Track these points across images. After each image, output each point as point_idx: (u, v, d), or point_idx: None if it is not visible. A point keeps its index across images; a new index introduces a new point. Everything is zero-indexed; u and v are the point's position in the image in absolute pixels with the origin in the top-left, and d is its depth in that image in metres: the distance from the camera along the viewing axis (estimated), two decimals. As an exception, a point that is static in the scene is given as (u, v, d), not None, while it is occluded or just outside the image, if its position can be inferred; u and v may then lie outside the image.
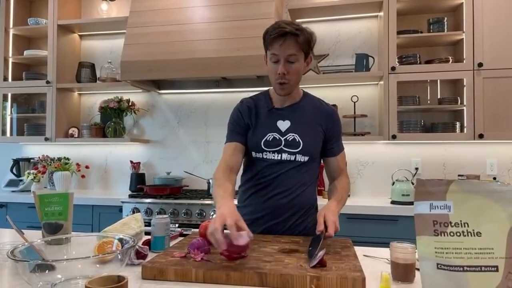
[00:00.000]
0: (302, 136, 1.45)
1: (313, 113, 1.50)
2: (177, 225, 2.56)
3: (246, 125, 1.49)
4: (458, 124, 2.65)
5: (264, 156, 1.46)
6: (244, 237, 1.01)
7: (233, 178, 1.43)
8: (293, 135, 1.45)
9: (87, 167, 3.28)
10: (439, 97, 2.82)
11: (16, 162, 3.31)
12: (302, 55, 1.39)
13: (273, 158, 1.45)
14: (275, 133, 1.45)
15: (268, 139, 1.45)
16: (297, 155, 1.44)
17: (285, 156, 1.44)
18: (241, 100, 1.57)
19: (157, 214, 2.59)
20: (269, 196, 1.46)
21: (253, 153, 1.48)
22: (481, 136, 2.52)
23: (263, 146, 1.45)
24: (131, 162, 3.23)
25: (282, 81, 1.39)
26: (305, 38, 1.36)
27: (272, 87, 1.53)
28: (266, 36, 1.39)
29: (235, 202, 1.38)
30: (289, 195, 1.45)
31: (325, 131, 1.49)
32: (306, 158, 1.45)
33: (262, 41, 1.43)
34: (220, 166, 1.44)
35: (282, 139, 1.45)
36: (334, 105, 2.87)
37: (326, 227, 1.22)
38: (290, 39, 1.34)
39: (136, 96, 3.34)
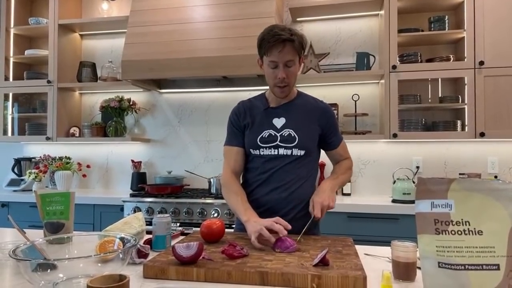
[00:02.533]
0: (297, 131, 1.50)
1: (307, 110, 1.55)
2: (178, 224, 2.56)
3: (243, 126, 1.56)
4: (459, 123, 2.64)
5: (261, 153, 1.51)
6: (192, 248, 1.03)
7: (239, 182, 1.57)
8: (288, 131, 1.50)
9: (88, 166, 3.29)
10: (440, 95, 2.82)
11: (18, 161, 3.31)
12: (297, 58, 1.45)
13: (269, 153, 1.50)
14: (271, 130, 1.51)
15: (264, 136, 1.51)
16: (293, 149, 1.49)
17: (281, 151, 1.49)
18: (238, 102, 1.64)
19: (158, 213, 2.60)
20: (268, 190, 1.50)
21: (251, 150, 1.53)
22: (482, 135, 2.51)
23: (259, 143, 1.51)
24: (132, 161, 3.23)
25: (283, 85, 1.46)
26: (299, 42, 1.43)
27: (268, 89, 1.59)
28: (262, 43, 1.43)
29: None
30: (288, 189, 1.49)
31: (321, 127, 1.54)
32: (302, 152, 1.50)
33: (257, 47, 1.47)
34: (227, 171, 1.56)
35: (278, 135, 1.50)
36: (335, 104, 2.87)
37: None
38: (287, 46, 1.40)
39: (137, 95, 3.34)
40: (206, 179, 2.93)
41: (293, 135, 1.49)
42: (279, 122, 1.52)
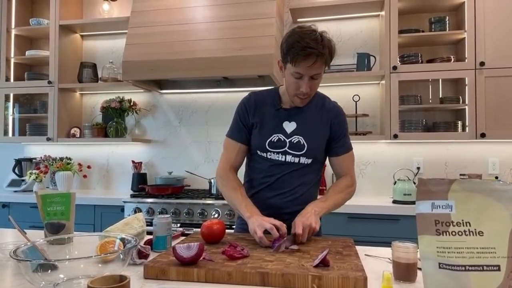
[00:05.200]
0: (307, 138, 1.46)
1: (319, 113, 1.50)
2: (178, 224, 2.56)
3: (251, 124, 1.50)
4: (460, 123, 2.64)
5: (269, 156, 1.47)
6: (193, 248, 1.03)
7: (237, 176, 1.53)
8: (298, 138, 1.45)
9: (89, 167, 3.29)
10: (440, 96, 2.82)
11: (18, 162, 3.32)
12: (324, 68, 1.37)
13: (277, 158, 1.46)
14: (280, 134, 1.46)
15: (273, 140, 1.46)
16: (301, 157, 1.46)
17: (289, 158, 1.46)
18: (249, 93, 1.55)
19: (159, 213, 2.60)
20: (274, 194, 1.48)
21: (258, 151, 1.49)
22: (483, 135, 2.51)
23: (267, 147, 1.47)
24: (133, 162, 3.23)
25: (304, 97, 1.40)
26: (329, 54, 1.34)
27: (281, 86, 1.54)
28: (289, 52, 1.32)
29: None
30: (293, 195, 1.47)
31: (330, 130, 1.50)
32: (310, 161, 1.47)
33: (281, 51, 1.38)
34: (225, 164, 1.51)
35: (287, 141, 1.46)
36: (336, 105, 2.87)
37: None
38: (318, 61, 1.31)
39: (138, 96, 3.35)
40: (207, 179, 2.93)
41: (302, 142, 1.44)
42: (289, 126, 1.47)
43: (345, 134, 1.53)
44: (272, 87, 1.59)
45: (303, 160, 1.46)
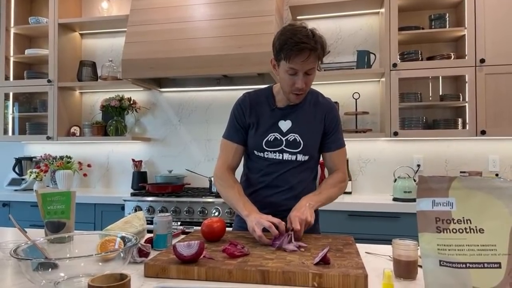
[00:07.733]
0: (302, 136, 1.47)
1: (313, 109, 1.51)
2: (179, 223, 2.57)
3: (248, 124, 1.51)
4: (460, 121, 2.64)
5: (266, 156, 1.48)
6: (193, 246, 1.03)
7: (234, 176, 1.54)
8: (294, 136, 1.47)
9: (89, 165, 3.29)
10: (441, 93, 2.82)
11: (18, 161, 3.32)
12: (317, 63, 1.39)
13: (274, 157, 1.47)
14: (276, 133, 1.48)
15: (269, 139, 1.47)
16: (297, 155, 1.47)
17: (286, 156, 1.47)
18: (243, 94, 1.56)
19: (159, 212, 2.60)
20: (273, 193, 1.49)
21: (255, 152, 1.50)
22: (483, 133, 2.51)
23: (264, 146, 1.48)
24: (133, 160, 3.23)
25: (300, 93, 1.40)
26: (322, 48, 1.35)
27: (275, 85, 1.54)
28: (283, 49, 1.33)
29: None
30: (291, 192, 1.48)
31: (324, 125, 1.51)
32: (307, 157, 1.48)
33: (273, 49, 1.39)
34: (223, 164, 1.53)
35: (283, 139, 1.47)
36: (336, 102, 2.87)
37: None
38: (312, 56, 1.32)
39: (137, 95, 3.34)
40: (207, 178, 2.93)
41: (298, 140, 1.46)
42: (285, 125, 1.48)
43: (337, 129, 1.54)
44: (267, 85, 1.60)
45: (300, 157, 1.47)
